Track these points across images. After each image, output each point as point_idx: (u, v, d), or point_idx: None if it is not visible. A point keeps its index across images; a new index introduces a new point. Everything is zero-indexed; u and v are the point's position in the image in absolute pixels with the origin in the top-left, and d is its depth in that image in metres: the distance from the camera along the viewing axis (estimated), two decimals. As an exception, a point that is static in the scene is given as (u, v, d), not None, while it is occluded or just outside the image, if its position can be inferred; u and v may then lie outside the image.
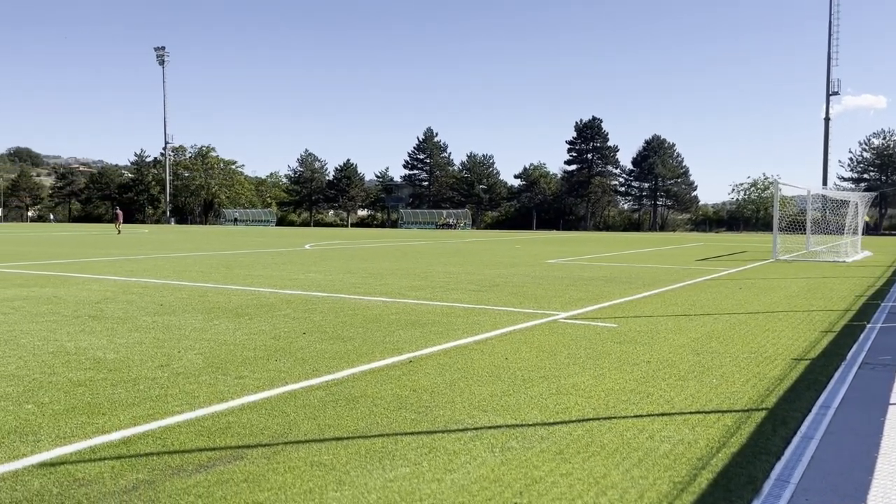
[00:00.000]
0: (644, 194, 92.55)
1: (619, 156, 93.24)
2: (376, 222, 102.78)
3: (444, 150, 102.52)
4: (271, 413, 4.54)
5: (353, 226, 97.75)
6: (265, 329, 7.72)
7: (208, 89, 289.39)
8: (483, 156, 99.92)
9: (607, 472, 3.61)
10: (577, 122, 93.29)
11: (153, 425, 4.25)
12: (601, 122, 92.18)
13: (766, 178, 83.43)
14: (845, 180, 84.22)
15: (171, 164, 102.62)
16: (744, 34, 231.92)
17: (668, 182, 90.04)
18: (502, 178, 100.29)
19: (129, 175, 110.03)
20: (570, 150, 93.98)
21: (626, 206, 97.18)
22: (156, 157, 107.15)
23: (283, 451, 3.85)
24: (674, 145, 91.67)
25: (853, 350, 6.97)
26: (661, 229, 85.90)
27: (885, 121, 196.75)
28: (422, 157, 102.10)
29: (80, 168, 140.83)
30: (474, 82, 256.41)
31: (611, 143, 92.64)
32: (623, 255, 24.05)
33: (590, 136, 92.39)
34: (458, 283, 13.29)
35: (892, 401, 5.03)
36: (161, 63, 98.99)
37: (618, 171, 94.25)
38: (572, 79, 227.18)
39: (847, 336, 7.80)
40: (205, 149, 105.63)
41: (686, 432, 4.25)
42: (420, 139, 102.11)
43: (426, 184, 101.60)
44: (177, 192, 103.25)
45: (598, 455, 3.84)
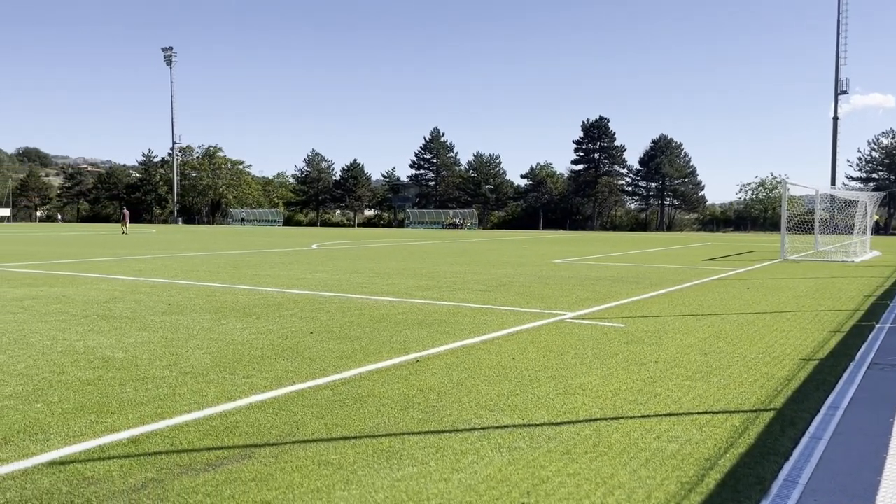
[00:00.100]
0: (651, 194, 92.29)
1: (626, 155, 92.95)
2: (383, 222, 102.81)
3: (451, 150, 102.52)
4: (279, 412, 4.55)
5: (359, 225, 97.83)
6: (273, 329, 7.75)
7: (216, 90, 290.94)
8: (490, 155, 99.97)
9: (615, 472, 3.60)
10: (583, 122, 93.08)
11: (161, 424, 4.27)
12: (608, 121, 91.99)
13: (773, 178, 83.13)
14: (854, 180, 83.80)
15: (179, 164, 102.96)
16: (752, 33, 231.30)
17: (676, 182, 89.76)
18: (509, 177, 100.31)
19: (137, 175, 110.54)
20: (576, 150, 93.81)
21: (633, 206, 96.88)
22: (163, 158, 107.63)
23: (291, 450, 3.86)
24: (681, 145, 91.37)
25: (862, 350, 6.94)
26: (669, 229, 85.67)
27: (893, 120, 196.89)
28: (428, 156, 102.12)
29: (89, 168, 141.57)
30: (481, 82, 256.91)
31: (618, 143, 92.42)
32: (630, 255, 24.00)
33: (597, 136, 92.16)
34: (464, 282, 13.30)
35: (901, 401, 5.00)
36: (168, 63, 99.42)
37: (625, 171, 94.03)
38: (579, 78, 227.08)
39: (856, 336, 7.76)
40: (212, 149, 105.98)
41: (694, 432, 4.24)
42: (427, 139, 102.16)
43: (433, 183, 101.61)
44: (184, 192, 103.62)
45: (605, 455, 3.84)
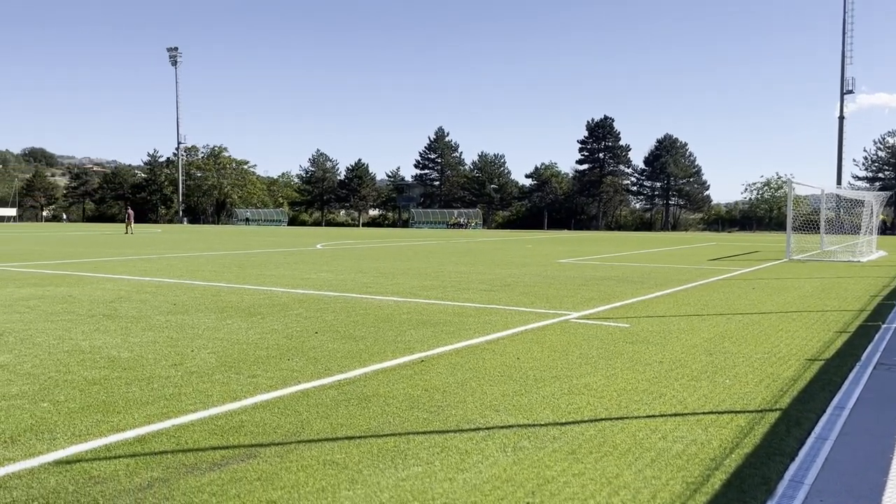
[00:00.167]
0: (656, 194, 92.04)
1: (630, 155, 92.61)
2: (387, 222, 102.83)
3: (456, 150, 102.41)
4: (284, 412, 4.56)
5: (364, 225, 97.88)
6: (278, 328, 7.76)
7: (220, 90, 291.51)
8: (494, 155, 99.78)
9: (620, 472, 3.60)
10: (588, 122, 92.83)
11: (167, 424, 4.28)
12: (613, 121, 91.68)
13: (779, 178, 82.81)
14: (860, 179, 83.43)
15: (184, 164, 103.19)
16: (756, 33, 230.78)
17: (681, 181, 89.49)
18: (513, 177, 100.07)
19: (143, 175, 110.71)
20: (581, 150, 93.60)
21: (637, 206, 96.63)
22: (168, 158, 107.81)
23: (296, 449, 3.87)
24: (686, 144, 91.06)
25: (868, 350, 6.92)
26: (674, 229, 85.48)
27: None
28: (433, 156, 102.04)
29: (94, 168, 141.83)
30: (486, 82, 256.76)
31: (623, 143, 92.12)
32: (635, 255, 23.96)
33: (601, 136, 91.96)
34: (469, 282, 13.30)
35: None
36: (174, 63, 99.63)
37: (630, 171, 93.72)
38: (584, 78, 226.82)
39: (862, 336, 7.74)
40: (217, 149, 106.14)
41: (699, 433, 4.24)
42: (431, 139, 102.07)
43: (437, 183, 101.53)
44: (189, 191, 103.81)
45: (610, 455, 3.84)
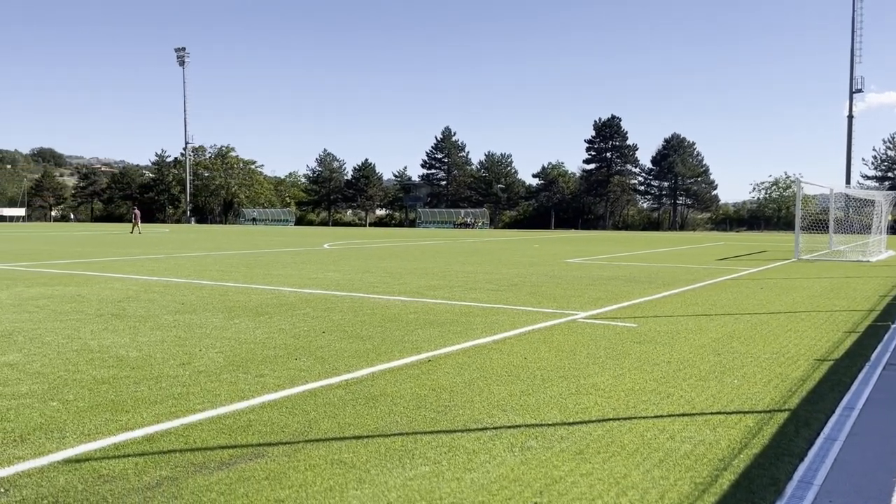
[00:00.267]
0: (664, 193, 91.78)
1: (638, 154, 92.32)
2: (394, 222, 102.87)
3: (462, 150, 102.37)
4: (292, 411, 4.57)
5: (371, 225, 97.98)
6: (285, 328, 7.78)
7: (228, 90, 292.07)
8: (501, 155, 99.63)
9: (628, 472, 3.59)
10: (595, 121, 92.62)
11: (176, 423, 4.30)
12: (620, 120, 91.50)
13: (787, 177, 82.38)
14: (869, 179, 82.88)
15: (192, 164, 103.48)
16: (765, 32, 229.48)
17: (688, 181, 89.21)
18: (520, 177, 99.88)
19: (150, 175, 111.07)
20: (588, 149, 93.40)
21: (645, 206, 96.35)
22: (176, 158, 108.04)
23: (304, 449, 3.87)
24: (694, 144, 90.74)
25: (877, 351, 6.88)
26: (681, 228, 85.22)
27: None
28: (440, 156, 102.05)
29: (102, 168, 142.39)
30: (492, 82, 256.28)
31: (630, 142, 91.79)
32: (642, 255, 23.91)
33: (609, 135, 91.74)
34: (476, 282, 13.29)
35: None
36: (181, 64, 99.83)
37: (637, 170, 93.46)
38: (591, 77, 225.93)
39: (871, 336, 7.70)
40: (224, 149, 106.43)
41: (707, 433, 4.22)
42: (438, 139, 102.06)
43: (444, 183, 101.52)
44: (197, 191, 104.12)
45: (618, 455, 3.83)
